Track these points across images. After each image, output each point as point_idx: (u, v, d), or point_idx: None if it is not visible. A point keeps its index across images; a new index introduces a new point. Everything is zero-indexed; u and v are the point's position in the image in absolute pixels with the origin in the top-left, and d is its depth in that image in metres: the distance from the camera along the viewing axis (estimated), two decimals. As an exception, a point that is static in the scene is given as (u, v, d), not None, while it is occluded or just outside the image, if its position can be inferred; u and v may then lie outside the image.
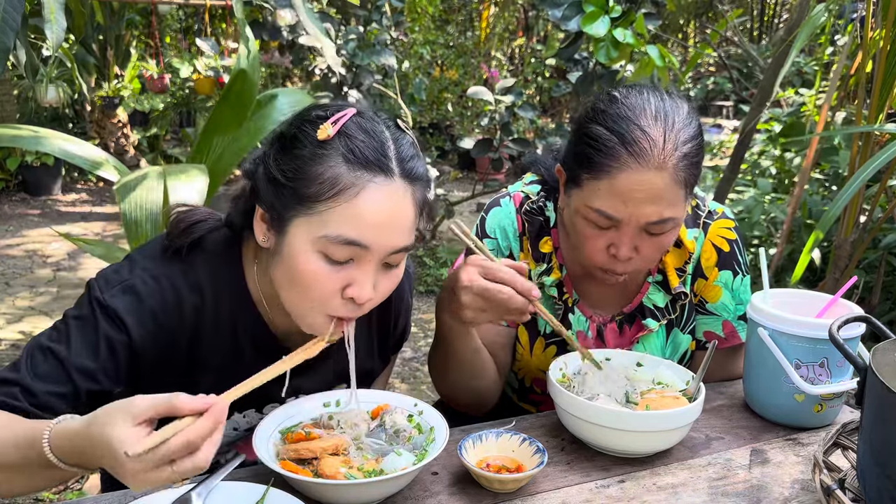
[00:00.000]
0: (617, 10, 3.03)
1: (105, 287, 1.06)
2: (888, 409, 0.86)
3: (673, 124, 1.17)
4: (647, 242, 1.22)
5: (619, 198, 1.16)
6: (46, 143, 2.66)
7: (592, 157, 1.19)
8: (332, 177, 0.98)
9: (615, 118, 1.18)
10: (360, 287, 1.01)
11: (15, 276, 4.89)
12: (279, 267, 1.05)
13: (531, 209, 1.41)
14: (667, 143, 1.16)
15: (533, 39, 10.21)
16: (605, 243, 1.23)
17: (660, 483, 1.07)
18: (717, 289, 1.41)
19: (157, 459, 0.79)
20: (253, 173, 1.08)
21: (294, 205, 1.00)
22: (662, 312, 1.40)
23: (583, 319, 1.41)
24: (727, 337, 1.43)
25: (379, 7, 4.77)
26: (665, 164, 1.15)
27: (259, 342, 1.16)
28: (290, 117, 1.09)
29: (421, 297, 4.89)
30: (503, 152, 4.77)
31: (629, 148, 1.15)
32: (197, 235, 1.12)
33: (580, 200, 1.23)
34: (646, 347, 1.41)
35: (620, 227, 1.20)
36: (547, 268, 1.39)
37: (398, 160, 1.01)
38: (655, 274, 1.41)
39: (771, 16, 11.11)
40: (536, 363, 1.43)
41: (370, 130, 1.01)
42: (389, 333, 1.35)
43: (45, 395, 1.01)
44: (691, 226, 1.40)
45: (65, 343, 1.03)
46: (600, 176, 1.18)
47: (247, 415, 1.22)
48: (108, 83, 7.60)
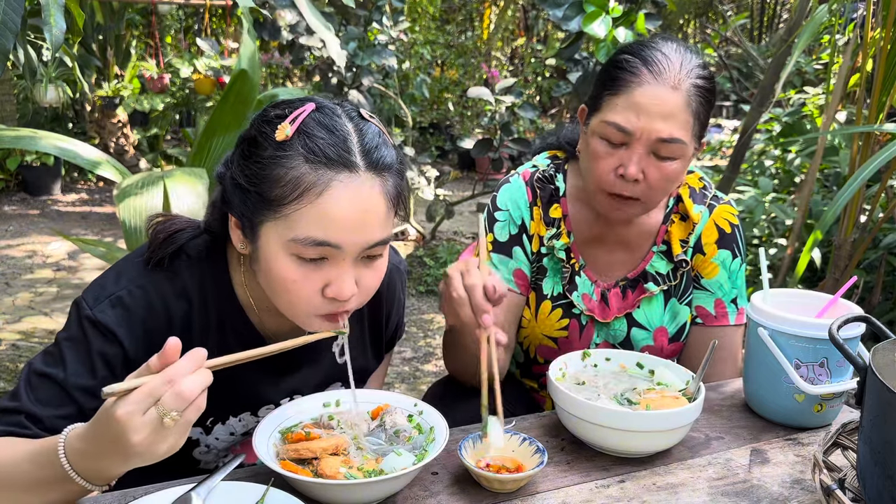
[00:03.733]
0: (618, 10, 3.03)
1: (93, 303, 1.05)
2: (888, 409, 0.86)
3: (690, 59, 1.32)
4: (653, 167, 1.30)
5: (633, 110, 1.28)
6: (46, 144, 2.66)
7: (616, 76, 1.31)
8: (293, 178, 0.95)
9: (640, 45, 1.35)
10: (339, 286, 1.00)
11: (15, 276, 4.89)
12: (259, 272, 1.05)
13: (542, 177, 1.49)
14: (683, 67, 1.30)
15: (533, 39, 10.21)
16: (616, 163, 1.31)
17: (660, 483, 1.07)
18: (714, 265, 1.46)
19: (141, 399, 0.78)
20: (223, 177, 1.07)
21: (261, 209, 0.98)
22: (664, 279, 1.46)
23: (588, 283, 1.48)
24: (717, 316, 1.47)
25: (379, 7, 4.77)
26: (680, 86, 1.28)
27: (248, 344, 1.15)
28: (251, 119, 1.07)
29: (421, 297, 4.88)
30: (503, 152, 4.77)
31: (649, 66, 1.29)
32: (178, 245, 1.11)
33: (598, 120, 1.33)
34: (646, 312, 1.46)
35: (631, 143, 1.29)
36: (556, 232, 1.46)
37: (362, 153, 0.98)
38: (660, 244, 1.47)
39: (771, 16, 11.10)
40: (541, 329, 1.48)
41: (330, 126, 0.99)
42: (382, 330, 1.35)
43: (52, 420, 1.01)
44: (698, 202, 1.47)
45: (60, 366, 1.03)
46: (619, 91, 1.30)
47: (242, 418, 1.22)
48: (108, 83, 7.60)
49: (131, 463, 0.83)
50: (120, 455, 0.82)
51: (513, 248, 1.46)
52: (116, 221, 6.23)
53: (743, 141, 3.87)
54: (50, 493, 0.90)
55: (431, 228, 6.01)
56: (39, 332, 3.94)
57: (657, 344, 1.46)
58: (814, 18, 2.74)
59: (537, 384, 1.58)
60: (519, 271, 1.47)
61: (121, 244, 4.40)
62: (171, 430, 0.80)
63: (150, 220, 1.15)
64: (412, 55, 7.76)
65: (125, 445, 0.79)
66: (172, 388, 0.79)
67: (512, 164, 4.90)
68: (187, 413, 0.80)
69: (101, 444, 0.83)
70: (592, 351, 1.30)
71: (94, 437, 0.84)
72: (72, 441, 0.86)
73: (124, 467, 0.85)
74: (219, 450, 1.24)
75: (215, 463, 1.27)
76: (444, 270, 1.17)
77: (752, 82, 7.39)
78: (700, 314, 1.48)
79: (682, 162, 1.32)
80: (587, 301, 1.47)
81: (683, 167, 1.33)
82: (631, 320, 1.47)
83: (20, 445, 0.93)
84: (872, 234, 2.73)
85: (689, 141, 1.30)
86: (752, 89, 6.66)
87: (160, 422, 0.79)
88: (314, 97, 1.05)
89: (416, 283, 5.01)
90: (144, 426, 0.79)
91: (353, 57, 4.53)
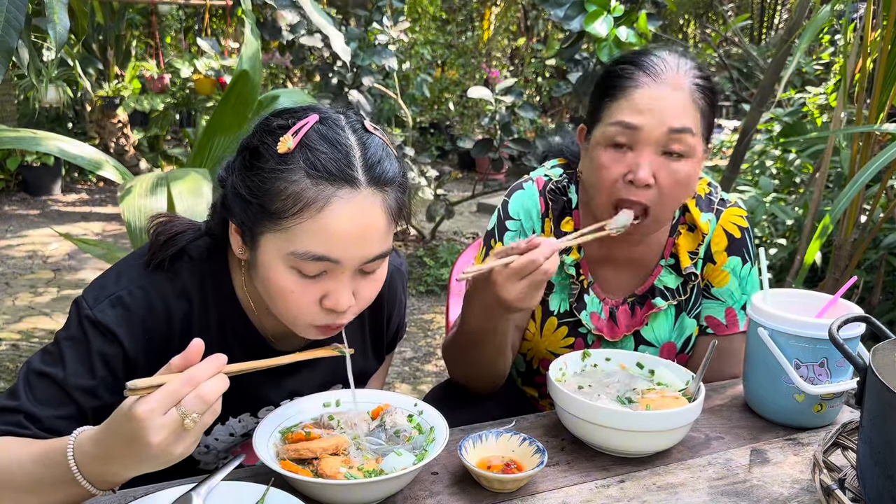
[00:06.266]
0: (619, 9, 3.03)
1: (93, 303, 1.05)
2: (888, 409, 0.86)
3: (686, 62, 1.29)
4: (664, 171, 1.24)
5: (637, 108, 1.24)
6: (48, 144, 2.66)
7: (614, 84, 1.28)
8: (295, 192, 0.95)
9: (634, 53, 1.32)
10: (337, 298, 1.00)
11: (15, 276, 4.89)
12: (257, 279, 1.05)
13: (555, 189, 1.45)
14: (680, 68, 1.27)
15: (533, 39, 10.21)
16: (624, 170, 1.25)
17: (660, 483, 1.07)
18: (724, 274, 1.43)
19: (162, 398, 0.78)
20: (224, 182, 1.07)
21: (261, 220, 0.98)
22: (673, 293, 1.43)
23: (596, 301, 1.45)
24: (728, 324, 1.44)
25: (380, 7, 4.77)
26: (681, 85, 1.25)
27: (249, 346, 1.16)
28: (253, 127, 1.06)
29: (421, 297, 4.88)
30: (503, 152, 4.78)
31: (645, 70, 1.26)
32: (179, 247, 1.11)
33: (601, 129, 1.29)
34: (654, 328, 1.43)
35: (638, 144, 1.24)
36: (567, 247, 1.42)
37: (365, 168, 0.97)
38: (668, 258, 1.43)
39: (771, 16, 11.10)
40: (545, 344, 1.46)
41: (333, 140, 0.97)
42: (383, 332, 1.35)
43: (51, 420, 1.00)
44: (705, 210, 1.43)
45: (60, 365, 1.02)
46: (619, 96, 1.26)
47: (242, 419, 1.22)
48: (108, 83, 7.60)
49: (144, 467, 0.82)
50: (134, 457, 0.81)
51: None
52: (116, 221, 6.23)
53: (743, 141, 3.87)
54: (52, 494, 0.90)
55: (431, 228, 6.01)
56: (39, 332, 3.94)
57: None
58: (816, 18, 2.73)
59: (538, 393, 1.57)
60: None
61: (121, 244, 4.41)
62: (190, 432, 0.80)
63: (151, 220, 1.15)
64: (412, 55, 7.76)
65: (142, 446, 0.79)
66: (196, 390, 0.79)
67: (512, 164, 4.91)
68: (205, 416, 0.80)
69: (115, 445, 0.82)
70: (592, 351, 1.30)
71: (108, 438, 0.83)
72: (82, 443, 0.86)
73: (134, 471, 0.84)
74: (218, 450, 1.24)
75: (215, 464, 1.27)
76: (493, 277, 1.14)
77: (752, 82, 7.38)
78: (711, 324, 1.44)
79: (693, 163, 1.26)
80: (595, 320, 1.43)
81: (695, 170, 1.27)
82: (638, 338, 1.44)
83: (24, 446, 0.93)
84: (872, 235, 2.73)
85: (699, 135, 1.26)
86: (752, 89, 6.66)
87: (181, 423, 0.79)
88: (318, 106, 1.05)
89: (417, 284, 5.01)
90: (164, 427, 0.78)
91: (353, 57, 4.54)
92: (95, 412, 1.03)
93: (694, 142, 1.24)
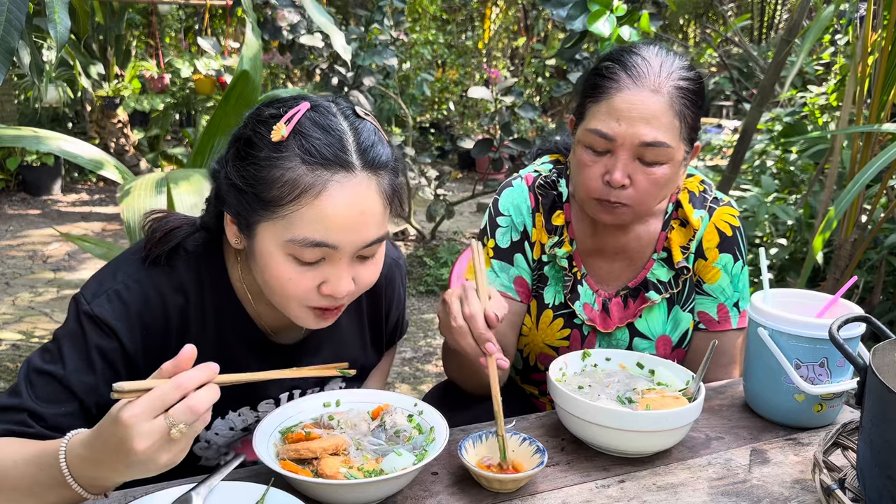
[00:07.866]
0: (622, 8, 3.03)
1: (91, 299, 1.05)
2: (888, 409, 0.86)
3: (672, 62, 1.30)
4: (640, 173, 1.29)
5: (614, 116, 1.27)
6: (49, 144, 2.66)
7: (596, 84, 1.31)
8: (291, 179, 0.95)
9: (621, 51, 1.33)
10: (336, 284, 1.00)
11: (15, 276, 4.89)
12: (254, 268, 1.05)
13: (544, 183, 1.47)
14: (663, 69, 1.28)
15: (533, 39, 10.21)
16: (602, 170, 1.30)
17: (660, 483, 1.07)
18: (715, 270, 1.45)
19: (149, 404, 0.77)
20: (217, 175, 1.07)
21: (258, 209, 0.98)
22: (665, 286, 1.45)
23: (590, 293, 1.46)
24: (719, 320, 1.46)
25: (380, 7, 4.77)
26: (660, 89, 1.26)
27: (247, 338, 1.16)
28: (244, 118, 1.06)
29: (421, 297, 4.88)
30: (503, 152, 4.77)
31: (628, 71, 1.28)
32: (174, 242, 1.12)
33: (582, 129, 1.32)
34: (648, 321, 1.45)
35: (615, 150, 1.28)
36: (559, 240, 1.45)
37: (359, 152, 0.98)
38: (661, 251, 1.45)
39: (771, 16, 11.10)
40: (542, 338, 1.47)
41: (325, 125, 0.98)
42: (382, 326, 1.35)
43: (54, 417, 1.00)
44: (698, 206, 1.45)
45: (60, 363, 1.03)
46: (600, 98, 1.29)
47: (241, 412, 1.22)
48: (109, 83, 7.60)
49: (131, 473, 0.81)
50: (122, 462, 0.80)
51: (514, 255, 1.45)
52: (116, 221, 6.23)
53: (743, 141, 3.87)
54: (49, 496, 0.89)
55: (431, 228, 6.01)
56: (39, 332, 3.94)
57: (660, 353, 1.45)
58: (820, 18, 2.73)
59: (538, 391, 1.58)
60: (520, 279, 1.46)
61: (121, 244, 4.40)
62: (177, 442, 0.79)
63: (145, 216, 1.15)
64: (413, 55, 7.77)
65: (127, 452, 0.78)
66: (185, 400, 0.78)
67: (512, 163, 4.91)
68: (195, 425, 0.80)
69: (103, 450, 0.81)
70: (592, 351, 1.31)
71: (97, 442, 0.82)
72: (74, 446, 0.85)
73: (124, 477, 0.83)
74: (218, 445, 1.24)
75: (216, 460, 1.27)
76: (442, 296, 1.14)
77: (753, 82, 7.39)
78: (703, 320, 1.47)
79: (671, 167, 1.30)
80: (588, 311, 1.46)
81: (673, 172, 1.31)
82: (633, 330, 1.46)
83: (22, 446, 0.93)
84: (873, 235, 2.73)
85: (676, 144, 1.28)
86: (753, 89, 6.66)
87: (167, 432, 0.78)
88: (308, 95, 1.05)
89: (417, 283, 5.01)
90: (150, 434, 0.77)
91: (354, 57, 4.54)
92: (100, 409, 1.03)
93: (669, 151, 1.28)
